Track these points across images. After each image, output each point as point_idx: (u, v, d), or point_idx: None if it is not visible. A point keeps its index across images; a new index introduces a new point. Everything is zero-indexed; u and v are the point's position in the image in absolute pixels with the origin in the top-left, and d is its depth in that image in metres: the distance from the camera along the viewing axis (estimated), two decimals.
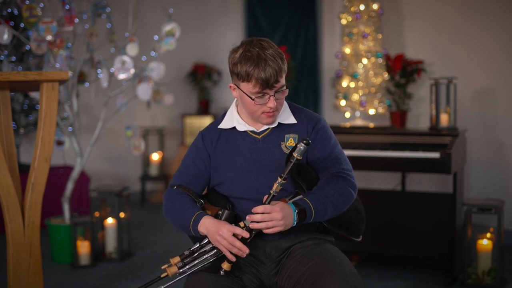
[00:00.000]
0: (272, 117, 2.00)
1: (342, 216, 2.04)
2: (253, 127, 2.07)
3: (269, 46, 1.94)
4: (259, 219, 1.88)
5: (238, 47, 1.97)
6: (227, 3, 6.31)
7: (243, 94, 1.97)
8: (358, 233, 2.11)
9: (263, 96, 1.94)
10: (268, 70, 1.89)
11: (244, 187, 2.03)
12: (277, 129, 2.06)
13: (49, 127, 2.30)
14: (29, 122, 4.79)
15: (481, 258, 3.30)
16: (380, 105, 4.10)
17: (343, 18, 4.14)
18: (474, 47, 4.45)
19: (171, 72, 5.49)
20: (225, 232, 1.89)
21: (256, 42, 1.95)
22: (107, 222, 3.93)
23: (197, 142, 2.12)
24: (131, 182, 5.79)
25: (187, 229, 1.99)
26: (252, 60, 1.90)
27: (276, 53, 1.93)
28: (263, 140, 2.05)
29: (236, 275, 1.99)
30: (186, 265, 1.94)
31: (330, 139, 2.08)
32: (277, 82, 1.93)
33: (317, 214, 1.92)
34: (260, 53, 1.91)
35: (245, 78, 1.93)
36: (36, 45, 3.61)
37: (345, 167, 2.06)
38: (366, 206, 2.31)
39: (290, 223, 1.90)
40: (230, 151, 2.06)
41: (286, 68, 1.96)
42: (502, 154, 4.31)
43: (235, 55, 1.95)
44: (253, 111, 1.99)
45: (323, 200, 1.93)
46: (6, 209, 2.27)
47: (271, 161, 2.02)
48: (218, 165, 2.07)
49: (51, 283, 3.49)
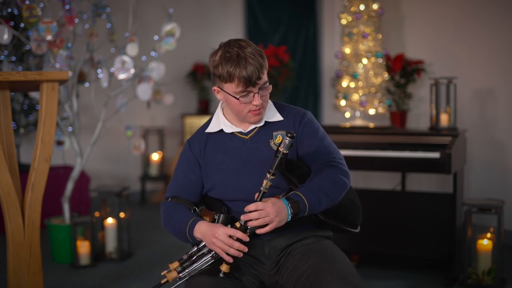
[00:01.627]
0: (259, 115, 2.00)
1: (337, 208, 2.03)
2: (240, 128, 2.07)
3: (247, 45, 1.95)
4: (255, 217, 1.87)
5: (217, 50, 1.98)
6: (227, 3, 6.31)
7: (227, 95, 1.97)
8: (355, 224, 2.11)
9: (247, 94, 1.94)
10: (249, 68, 1.90)
11: (236, 189, 2.03)
12: (264, 127, 2.06)
13: (49, 127, 2.30)
14: (29, 122, 4.79)
15: (481, 258, 3.30)
16: (380, 105, 4.09)
17: (343, 18, 4.14)
18: (474, 47, 4.45)
19: (171, 72, 5.49)
20: (220, 234, 1.89)
21: (234, 43, 1.96)
22: (107, 222, 3.93)
23: (185, 151, 2.12)
24: (131, 182, 5.79)
25: (184, 237, 2.00)
26: (232, 60, 1.91)
27: (255, 51, 1.94)
28: (252, 140, 2.05)
29: (236, 277, 1.98)
30: (185, 269, 1.94)
31: (318, 131, 2.08)
32: (260, 78, 1.93)
33: (311, 206, 1.92)
34: (239, 52, 1.92)
35: (227, 79, 1.94)
36: (36, 45, 3.61)
37: (336, 156, 2.06)
38: (366, 206, 2.31)
39: (285, 218, 1.89)
40: (219, 154, 2.06)
41: (266, 65, 1.97)
42: (502, 154, 4.31)
43: (215, 58, 1.97)
44: (239, 111, 1.99)
45: (315, 191, 1.93)
46: (6, 209, 2.27)
47: (261, 160, 2.02)
48: (209, 169, 2.07)
49: (51, 283, 3.49)
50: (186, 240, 2.02)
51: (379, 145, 3.49)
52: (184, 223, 1.99)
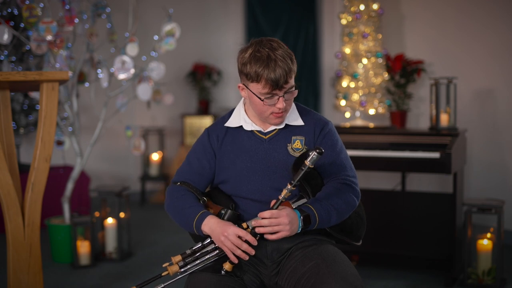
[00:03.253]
0: (280, 117, 1.99)
1: (344, 222, 2.03)
2: (260, 127, 2.06)
3: (278, 47, 1.93)
4: (266, 224, 1.87)
5: (247, 47, 1.96)
6: (227, 3, 6.31)
7: (252, 94, 1.96)
8: (358, 238, 2.11)
9: (272, 96, 1.93)
10: (278, 71, 1.88)
11: (248, 187, 2.02)
12: (284, 130, 2.05)
13: (49, 127, 2.30)
14: (29, 122, 4.79)
15: (481, 258, 3.30)
16: (380, 105, 4.10)
17: (343, 18, 4.14)
18: (474, 47, 4.45)
19: (171, 72, 5.49)
20: (230, 234, 1.88)
21: (266, 42, 1.93)
22: (107, 222, 3.93)
23: (203, 139, 2.10)
24: (131, 182, 5.79)
25: (189, 227, 1.98)
26: (262, 60, 1.89)
27: (286, 54, 1.92)
28: (270, 140, 2.05)
29: (237, 275, 1.98)
30: (187, 264, 1.94)
31: (337, 144, 2.07)
32: (287, 83, 1.91)
33: (321, 221, 1.92)
34: (270, 53, 1.89)
35: (254, 78, 1.92)
36: (36, 45, 3.61)
37: (350, 173, 2.05)
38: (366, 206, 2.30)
39: (296, 229, 1.90)
40: (235, 150, 2.05)
41: (295, 69, 1.95)
42: (502, 154, 4.31)
43: (245, 55, 1.94)
44: (262, 112, 1.98)
45: (328, 208, 1.93)
46: (6, 209, 2.27)
47: (276, 162, 2.02)
48: (223, 163, 2.06)
49: (51, 283, 3.49)
50: (189, 230, 2.00)
51: (379, 145, 3.49)
52: (193, 213, 1.97)
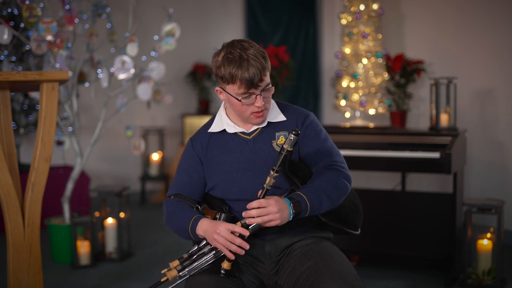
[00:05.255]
0: (261, 116, 2.00)
1: (338, 210, 2.04)
2: (243, 128, 2.07)
3: (250, 46, 1.95)
4: (254, 214, 1.88)
5: (219, 51, 1.98)
6: (227, 3, 6.31)
7: (229, 96, 1.97)
8: (356, 226, 2.11)
9: (249, 96, 1.94)
10: (251, 70, 1.90)
11: (238, 188, 2.03)
12: (267, 128, 2.06)
13: (49, 127, 2.30)
14: (29, 122, 4.79)
15: (481, 258, 3.30)
16: (380, 105, 4.10)
17: (343, 18, 4.14)
18: (474, 47, 4.45)
19: (171, 72, 5.49)
20: (222, 230, 1.89)
21: (237, 44, 1.96)
22: (107, 222, 3.93)
23: (188, 150, 2.12)
24: (131, 182, 5.79)
25: (187, 234, 2.00)
26: (235, 61, 1.91)
27: (257, 52, 1.94)
28: (254, 140, 2.06)
29: (236, 276, 1.99)
30: (185, 268, 1.94)
31: (321, 133, 2.08)
32: (262, 80, 1.93)
33: (313, 207, 1.92)
34: (242, 53, 1.91)
35: (229, 80, 1.93)
36: (36, 45, 3.61)
37: (337, 159, 2.06)
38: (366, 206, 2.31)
39: (287, 217, 1.90)
40: (221, 154, 2.06)
41: (269, 66, 1.97)
42: (502, 154, 4.31)
43: (218, 59, 1.96)
44: (242, 112, 1.99)
45: (317, 193, 1.93)
46: (6, 209, 2.27)
47: (263, 160, 2.03)
48: (211, 169, 2.07)
49: (51, 283, 3.49)
50: (188, 238, 2.02)
51: (379, 145, 3.49)
52: (186, 220, 1.99)
